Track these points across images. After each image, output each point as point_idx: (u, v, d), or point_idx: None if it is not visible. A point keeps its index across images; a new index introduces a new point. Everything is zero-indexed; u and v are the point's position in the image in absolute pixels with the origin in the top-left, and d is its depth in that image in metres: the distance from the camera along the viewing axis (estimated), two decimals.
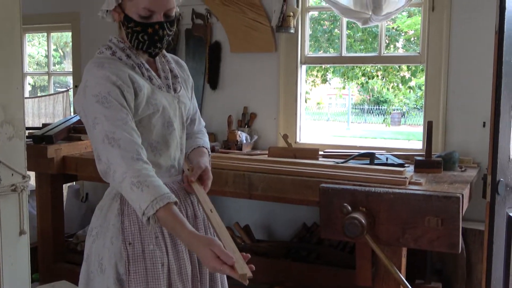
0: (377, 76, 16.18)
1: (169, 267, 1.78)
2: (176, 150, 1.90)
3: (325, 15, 12.34)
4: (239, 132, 3.79)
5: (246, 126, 3.97)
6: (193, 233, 1.61)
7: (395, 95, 19.67)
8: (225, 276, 1.96)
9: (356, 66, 14.72)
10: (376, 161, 3.06)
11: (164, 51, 1.95)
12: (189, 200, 1.93)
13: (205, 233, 1.90)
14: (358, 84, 18.27)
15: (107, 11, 1.81)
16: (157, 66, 1.90)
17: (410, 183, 2.63)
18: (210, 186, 1.90)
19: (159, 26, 1.76)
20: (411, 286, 2.38)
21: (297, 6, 3.73)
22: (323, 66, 14.19)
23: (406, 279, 2.39)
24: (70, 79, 4.98)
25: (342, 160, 3.12)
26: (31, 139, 3.42)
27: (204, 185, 1.87)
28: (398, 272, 2.36)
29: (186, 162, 1.98)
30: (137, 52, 1.83)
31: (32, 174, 3.35)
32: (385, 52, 3.81)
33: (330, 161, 3.13)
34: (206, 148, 2.06)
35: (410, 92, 16.89)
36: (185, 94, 1.97)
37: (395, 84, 16.03)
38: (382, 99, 21.75)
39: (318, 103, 24.38)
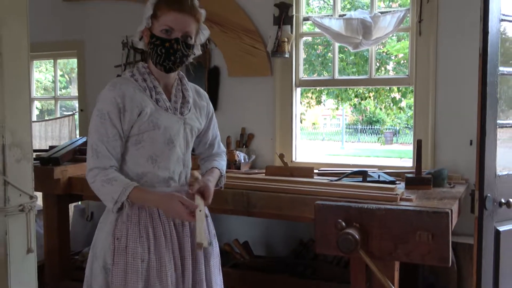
0: (369, 97, 16.26)
1: (149, 264, 1.95)
2: (177, 165, 2.07)
3: (319, 40, 12.46)
4: (237, 152, 3.80)
5: (244, 146, 3.98)
6: (157, 195, 1.97)
7: (387, 115, 19.74)
8: (213, 282, 2.14)
9: (349, 88, 14.79)
10: (368, 179, 3.06)
11: (185, 80, 2.17)
12: None
13: (191, 239, 2.06)
14: (351, 105, 18.36)
15: (141, 38, 2.07)
16: (172, 92, 2.09)
17: (401, 199, 2.64)
18: (210, 202, 2.07)
19: (174, 41, 1.97)
20: None
21: (292, 32, 3.77)
22: (317, 88, 14.28)
23: None
24: (76, 103, 4.98)
25: (336, 178, 3.12)
26: (39, 161, 3.42)
27: (205, 200, 2.04)
28: (392, 286, 2.35)
29: (196, 180, 2.14)
30: (156, 78, 2.05)
31: (39, 195, 3.34)
32: (376, 75, 3.84)
33: (325, 179, 3.13)
34: (219, 170, 2.27)
35: (400, 112, 16.97)
36: (195, 118, 2.15)
37: (387, 105, 16.10)
38: (374, 119, 21.83)
39: (314, 124, 24.48)
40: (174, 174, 2.07)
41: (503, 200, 2.49)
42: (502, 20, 2.45)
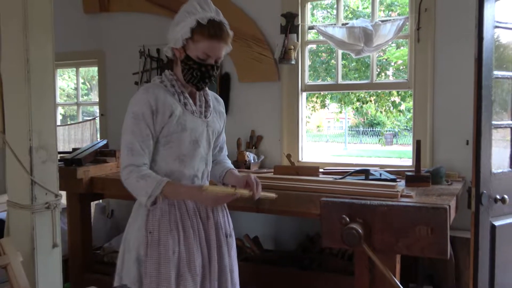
0: (371, 101, 16.21)
1: (179, 255, 1.99)
2: (200, 163, 2.13)
3: (323, 47, 12.43)
4: (247, 153, 3.80)
5: (254, 147, 3.98)
6: (189, 187, 2.04)
7: (387, 117, 19.66)
8: (234, 271, 2.21)
9: (351, 93, 14.76)
10: (370, 177, 3.05)
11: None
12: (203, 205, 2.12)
13: (216, 231, 2.12)
14: (353, 108, 18.29)
15: (171, 47, 2.07)
16: (196, 97, 2.14)
17: (402, 196, 2.63)
18: (260, 188, 2.12)
19: (210, 67, 2.03)
20: None
21: (297, 40, 3.77)
22: (322, 93, 14.25)
23: (400, 283, 2.37)
24: (96, 109, 5.01)
25: (340, 177, 3.12)
26: (63, 162, 3.44)
27: (256, 188, 2.08)
28: (393, 277, 2.34)
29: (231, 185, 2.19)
30: (183, 84, 2.08)
31: (63, 194, 3.37)
32: (377, 80, 3.83)
33: (329, 178, 3.13)
34: (234, 169, 2.34)
35: (400, 115, 16.90)
36: (215, 121, 2.21)
37: (387, 108, 16.03)
38: (375, 121, 21.74)
39: (318, 126, 24.42)
40: (198, 172, 2.13)
41: (498, 197, 2.48)
42: (496, 27, 2.44)
